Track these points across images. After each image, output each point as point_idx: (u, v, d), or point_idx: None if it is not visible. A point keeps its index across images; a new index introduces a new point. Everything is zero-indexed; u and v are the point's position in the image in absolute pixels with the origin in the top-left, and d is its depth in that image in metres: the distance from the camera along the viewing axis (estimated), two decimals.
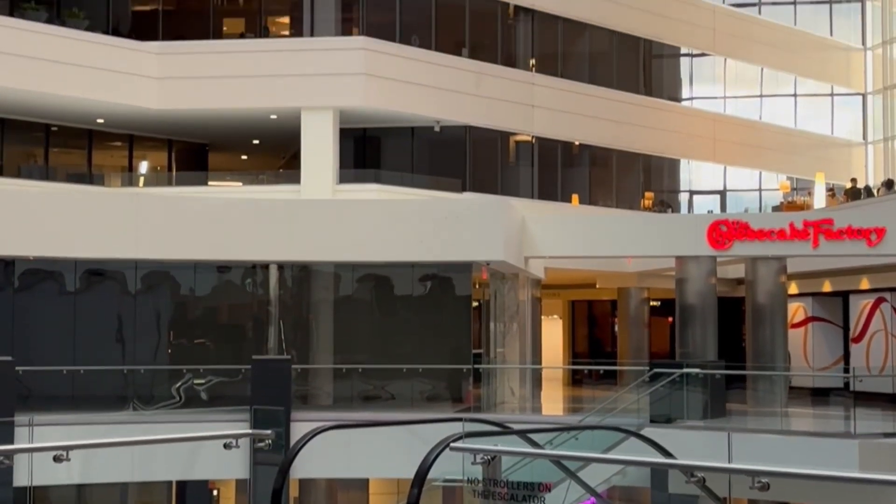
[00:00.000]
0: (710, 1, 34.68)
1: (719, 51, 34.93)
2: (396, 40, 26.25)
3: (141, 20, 26.85)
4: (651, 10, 32.36)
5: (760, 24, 36.58)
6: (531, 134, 29.27)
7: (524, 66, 29.36)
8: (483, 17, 28.53)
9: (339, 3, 26.88)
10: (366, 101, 25.57)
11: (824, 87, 39.25)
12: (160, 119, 26.32)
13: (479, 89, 27.52)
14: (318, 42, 25.90)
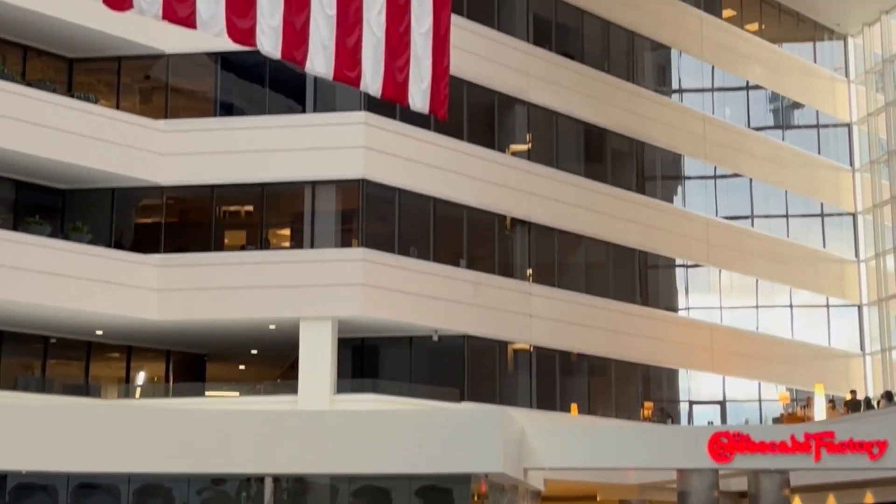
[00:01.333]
0: (703, 214, 35.31)
1: (714, 262, 35.38)
2: (395, 251, 26.61)
3: (143, 232, 27.28)
4: (645, 222, 32.91)
5: (754, 237, 37.15)
6: (529, 343, 29.33)
7: (522, 276, 29.67)
8: (481, 228, 29.00)
9: (338, 216, 27.36)
10: (364, 311, 25.72)
11: (820, 299, 39.57)
12: (159, 330, 26.41)
13: (476, 299, 27.72)
14: (318, 253, 26.24)
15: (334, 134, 26.47)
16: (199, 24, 9.99)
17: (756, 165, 37.51)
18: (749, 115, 38.02)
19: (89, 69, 27.16)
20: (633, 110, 33.16)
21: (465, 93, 28.11)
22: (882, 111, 40.34)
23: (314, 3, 10.79)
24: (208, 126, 26.81)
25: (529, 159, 30.19)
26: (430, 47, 11.83)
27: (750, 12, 38.36)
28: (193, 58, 26.82)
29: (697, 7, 36.01)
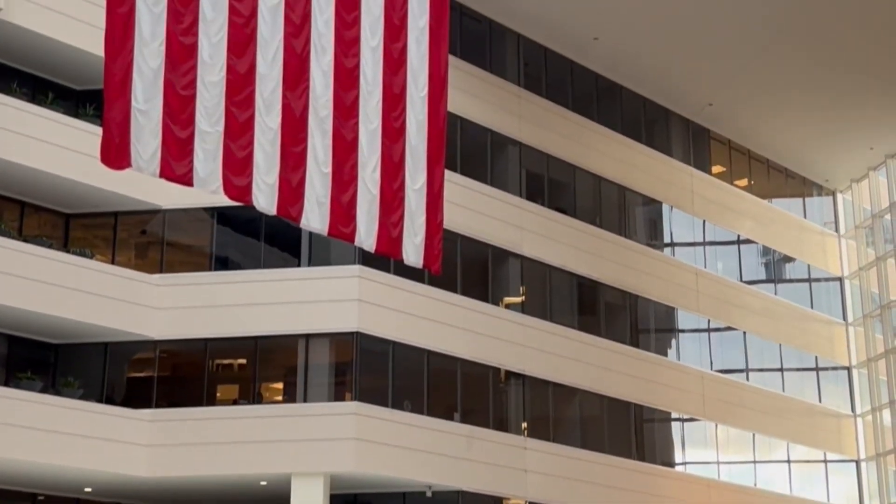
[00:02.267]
0: (697, 367, 35.20)
1: (710, 416, 35.12)
2: (389, 405, 26.41)
3: (135, 387, 27.10)
4: (640, 375, 32.79)
5: (749, 391, 36.97)
6: (524, 498, 28.87)
7: (516, 430, 29.40)
8: (475, 380, 28.86)
9: (332, 369, 27.25)
10: (357, 467, 25.38)
11: (817, 454, 39.19)
12: (148, 487, 25.99)
13: (470, 453, 27.40)
14: (311, 408, 26.03)
15: (328, 287, 26.56)
16: (196, 181, 10.13)
17: (749, 319, 37.58)
18: (741, 269, 38.27)
19: (86, 224, 27.38)
20: (626, 264, 33.39)
21: (459, 246, 28.33)
22: (873, 265, 40.65)
23: (310, 160, 10.96)
24: (203, 280, 26.91)
25: (523, 312, 30.24)
26: (425, 203, 11.98)
27: (739, 168, 38.99)
28: (190, 213, 27.09)
29: (687, 164, 36.60)
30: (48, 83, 26.64)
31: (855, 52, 32.35)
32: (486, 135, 30.47)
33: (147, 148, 9.80)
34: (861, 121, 36.95)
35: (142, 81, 9.75)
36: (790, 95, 35.05)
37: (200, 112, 10.10)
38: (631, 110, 35.06)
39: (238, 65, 10.39)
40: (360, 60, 11.40)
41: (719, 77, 34.08)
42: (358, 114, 11.39)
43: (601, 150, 33.57)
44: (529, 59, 32.16)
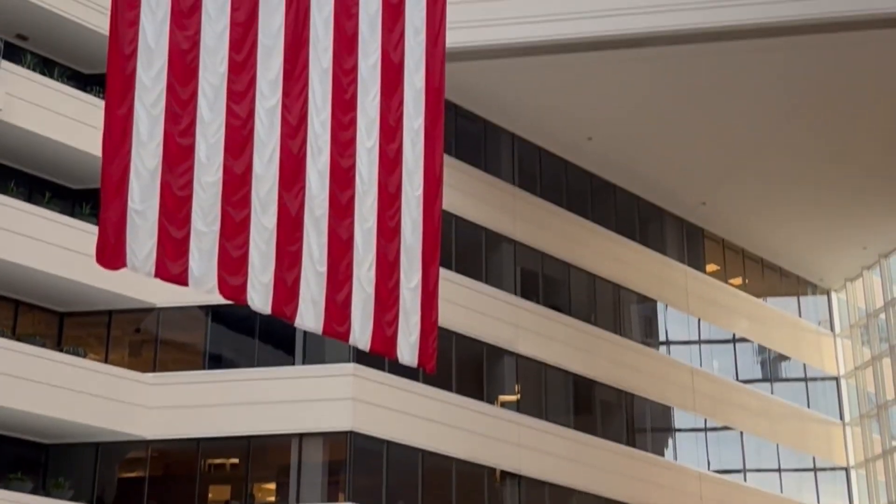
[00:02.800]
0: (695, 467, 34.87)
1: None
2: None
3: (126, 487, 26.76)
4: (636, 475, 32.46)
5: (747, 492, 36.57)
6: None
7: None
8: (470, 480, 28.53)
9: (325, 468, 26.96)
10: None
11: None
12: None
13: None
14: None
15: (323, 386, 26.41)
16: (192, 281, 10.12)
17: (746, 418, 37.35)
18: (737, 368, 38.14)
19: (80, 323, 27.31)
20: (622, 362, 33.27)
21: (454, 344, 28.25)
22: (869, 365, 40.53)
23: (305, 260, 10.97)
24: (196, 379, 26.76)
25: (519, 411, 30.05)
26: (419, 302, 11.96)
27: (733, 267, 39.09)
28: (184, 311, 27.04)
29: (682, 262, 36.70)
30: (46, 182, 26.82)
31: (847, 153, 32.64)
32: (481, 233, 30.60)
33: (143, 248, 9.82)
34: (854, 220, 37.16)
35: (139, 182, 9.80)
36: (783, 195, 35.28)
37: (196, 212, 10.14)
38: (625, 209, 35.26)
39: (235, 165, 10.46)
40: (355, 161, 11.48)
41: (712, 177, 34.34)
42: (353, 213, 11.43)
43: (595, 248, 33.68)
44: (524, 158, 32.44)
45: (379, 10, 11.72)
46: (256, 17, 10.72)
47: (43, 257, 24.88)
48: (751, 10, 26.33)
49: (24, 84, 25.33)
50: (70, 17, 26.22)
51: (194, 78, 10.24)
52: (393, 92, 11.81)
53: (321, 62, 11.20)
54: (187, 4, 10.25)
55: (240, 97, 10.54)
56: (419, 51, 12.03)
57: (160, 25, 10.05)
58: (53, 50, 27.20)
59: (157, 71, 10.00)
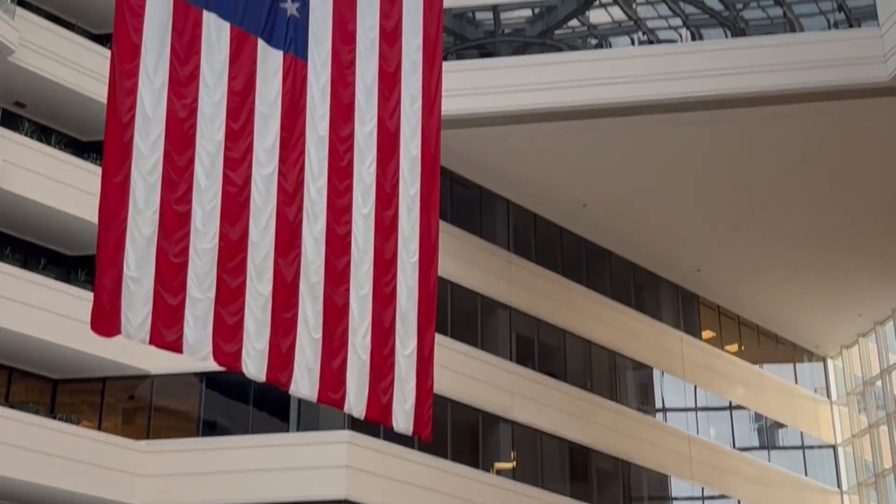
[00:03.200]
0: None
1: None
2: None
3: None
4: None
5: None
6: None
7: None
8: None
9: None
10: None
11: None
12: None
13: None
14: None
15: (317, 453, 26.23)
16: (186, 348, 10.09)
17: (743, 486, 37.07)
18: (734, 435, 37.94)
19: (74, 390, 27.17)
20: (618, 429, 33.09)
21: (450, 411, 28.12)
22: (866, 433, 40.34)
23: (300, 326, 10.95)
24: (189, 446, 26.57)
25: (514, 478, 29.82)
26: (415, 369, 11.92)
27: (729, 334, 39.04)
28: (178, 378, 26.92)
29: (677, 329, 36.66)
30: (41, 249, 26.84)
31: (842, 221, 32.74)
32: (477, 299, 30.58)
33: (137, 315, 9.79)
34: (849, 288, 37.19)
35: (134, 249, 9.80)
36: (778, 262, 35.35)
37: (192, 279, 10.13)
38: (620, 275, 35.28)
39: (231, 232, 10.47)
40: (351, 227, 11.50)
41: (707, 243, 34.42)
42: (349, 279, 11.42)
43: (591, 314, 33.65)
44: (519, 224, 32.53)
45: (375, 78, 11.81)
46: (254, 85, 10.80)
47: (37, 324, 24.82)
48: (744, 79, 26.61)
49: (21, 151, 25.45)
50: (68, 84, 26.41)
51: (191, 145, 10.29)
52: (389, 159, 11.86)
53: (318, 130, 11.27)
54: (185, 73, 10.32)
55: (236, 164, 10.59)
56: (415, 118, 12.11)
57: (158, 94, 10.11)
58: (51, 117, 27.36)
59: (155, 139, 10.05)
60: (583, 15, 29.41)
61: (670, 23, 28.91)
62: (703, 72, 26.79)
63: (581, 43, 29.85)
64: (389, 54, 11.93)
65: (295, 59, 11.11)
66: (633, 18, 28.90)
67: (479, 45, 29.89)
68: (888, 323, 39.58)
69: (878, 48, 26.09)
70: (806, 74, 26.28)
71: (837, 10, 27.63)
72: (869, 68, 26.04)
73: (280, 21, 11.01)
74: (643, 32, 28.59)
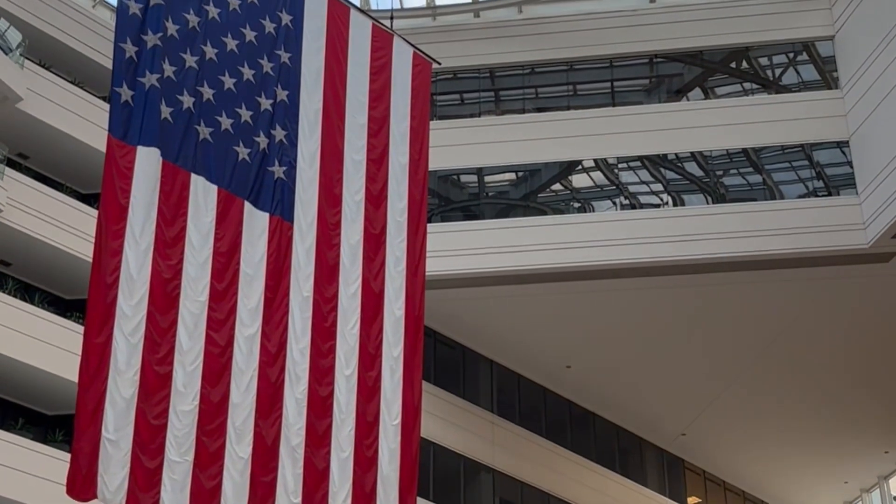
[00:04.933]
0: None
1: None
2: None
3: None
4: None
5: None
6: None
7: None
8: None
9: None
10: None
11: None
12: None
13: None
14: None
15: None
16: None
17: None
18: None
19: None
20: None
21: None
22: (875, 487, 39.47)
23: (279, 490, 10.78)
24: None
25: None
26: None
27: (715, 499, 38.40)
28: None
29: (662, 494, 36.13)
30: (19, 408, 26.48)
31: (827, 388, 32.66)
32: (460, 461, 30.18)
33: (114, 479, 9.62)
34: (834, 455, 36.89)
35: (114, 411, 9.69)
36: (764, 428, 35.11)
37: (171, 441, 9.99)
38: (605, 438, 34.95)
39: (212, 394, 10.38)
40: (334, 388, 11.43)
41: (692, 407, 34.21)
42: (330, 442, 11.29)
43: (575, 478, 33.19)
44: (503, 385, 32.35)
45: (360, 240, 11.91)
46: (239, 246, 10.86)
47: (12, 486, 24.31)
48: (725, 244, 26.88)
49: (4, 309, 25.33)
50: (54, 243, 26.45)
51: (175, 306, 10.28)
52: (373, 320, 11.88)
53: (302, 290, 11.30)
54: (171, 234, 10.38)
55: (220, 325, 10.56)
56: (399, 279, 12.18)
57: (143, 255, 10.15)
58: (35, 276, 27.34)
59: (138, 300, 10.04)
60: (566, 179, 29.86)
61: (651, 188, 29.33)
62: (683, 237, 27.08)
63: (564, 206, 30.24)
64: (375, 216, 12.06)
65: (281, 221, 11.20)
66: (614, 183, 29.34)
67: (464, 206, 30.23)
68: (874, 490, 39.13)
69: (857, 216, 26.47)
70: (786, 240, 26.57)
71: (816, 178, 28.11)
72: (849, 235, 26.36)
73: (267, 183, 11.14)
74: (625, 196, 28.99)
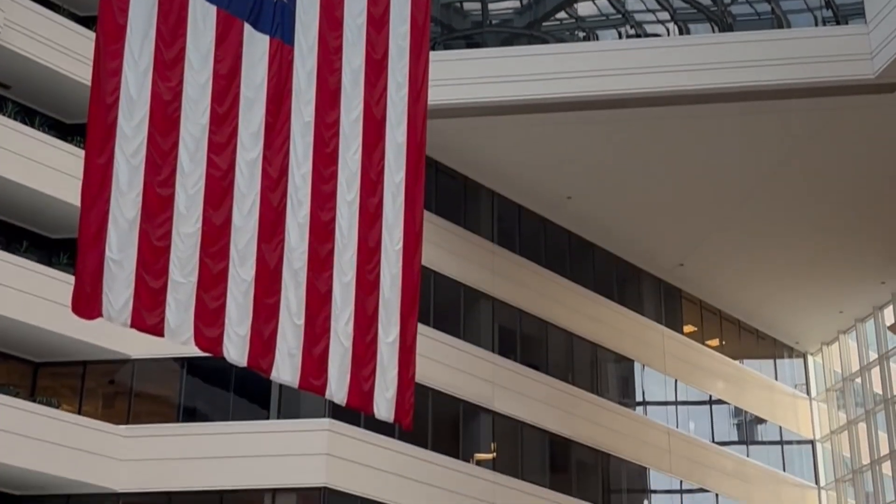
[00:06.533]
0: None
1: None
2: None
3: None
4: None
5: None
6: None
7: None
8: None
9: None
10: None
11: None
12: None
13: None
14: None
15: (297, 441, 26.22)
16: (167, 332, 10.04)
17: (721, 480, 37.22)
18: (713, 430, 38.08)
19: (54, 373, 27.09)
20: (598, 422, 33.18)
21: (431, 401, 28.12)
22: (844, 429, 40.53)
23: (283, 312, 10.91)
24: (169, 431, 26.53)
25: (494, 469, 29.87)
26: (397, 357, 11.89)
27: (710, 328, 39.15)
28: (159, 363, 26.86)
29: (659, 322, 36.75)
30: (24, 231, 26.70)
31: (825, 218, 32.88)
32: (460, 290, 30.59)
33: (119, 298, 9.74)
34: (831, 284, 37.34)
35: (116, 232, 9.75)
36: (761, 257, 35.46)
37: (174, 263, 10.08)
38: (603, 268, 35.34)
39: (214, 217, 10.42)
40: (335, 214, 11.45)
41: (691, 238, 34.50)
42: (332, 266, 11.38)
43: (573, 306, 33.71)
44: (503, 216, 32.54)
45: (362, 64, 11.76)
46: (239, 69, 10.74)
47: (18, 306, 24.72)
48: (730, 74, 26.66)
49: (5, 133, 25.31)
50: (52, 66, 26.25)
51: (175, 129, 10.24)
52: (375, 146, 11.82)
53: (303, 115, 11.22)
54: (171, 56, 10.26)
55: (221, 149, 10.53)
56: (402, 106, 12.07)
57: (143, 76, 10.06)
58: (35, 99, 27.20)
59: (139, 121, 9.99)
60: (571, 7, 29.39)
61: (658, 16, 28.92)
62: (689, 66, 26.82)
63: (568, 35, 29.85)
64: (377, 40, 11.89)
65: (281, 44, 11.05)
66: (620, 11, 28.90)
67: (467, 35, 29.85)
68: (868, 320, 39.76)
69: (864, 45, 26.16)
70: (792, 70, 26.33)
71: (825, 6, 27.68)
72: (855, 65, 26.11)
73: (267, 5, 10.95)
74: (630, 26, 28.60)
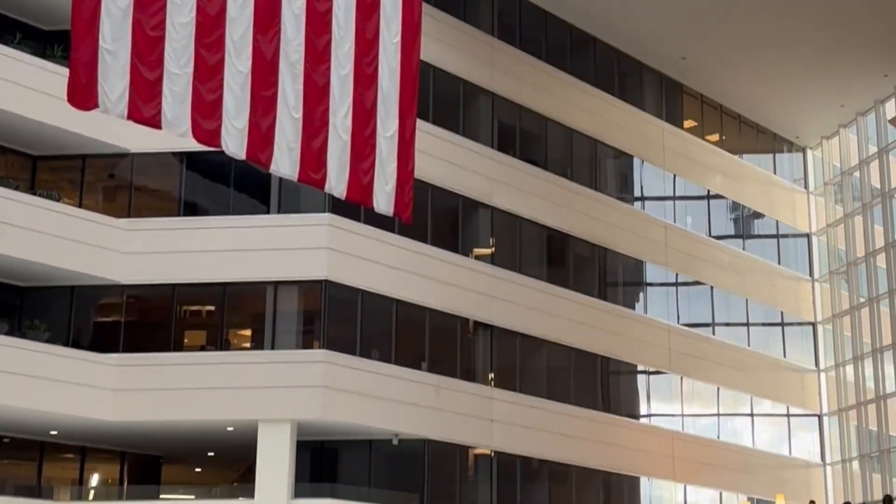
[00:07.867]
0: (664, 321, 35.41)
1: (675, 369, 35.38)
2: (357, 353, 26.45)
3: (102, 331, 26.99)
4: (607, 328, 32.97)
5: (715, 345, 37.26)
6: (490, 448, 29.08)
7: (483, 380, 29.53)
8: (443, 331, 28.92)
9: (300, 317, 27.22)
10: (324, 415, 25.45)
11: (780, 408, 39.62)
12: (114, 431, 25.97)
13: (437, 402, 27.51)
14: (278, 355, 26.02)
15: (298, 235, 26.48)
16: (165, 124, 9.99)
17: (717, 274, 37.80)
18: (710, 224, 38.44)
19: (53, 167, 27.12)
20: (596, 217, 33.45)
21: (430, 196, 28.28)
22: (841, 223, 40.90)
23: (280, 105, 10.83)
24: (171, 225, 26.75)
25: (493, 263, 30.29)
26: (396, 151, 11.86)
27: (710, 123, 39.02)
28: (158, 157, 26.86)
29: (659, 117, 36.59)
30: (16, 23, 26.26)
31: (828, 11, 32.33)
32: (459, 84, 30.33)
33: (115, 89, 9.65)
34: (832, 78, 37.00)
35: (110, 21, 9.58)
36: (762, 51, 35.03)
37: (169, 53, 9.95)
38: (604, 63, 34.97)
39: (208, 6, 10.23)
40: (332, 5, 11.23)
41: (693, 31, 34.01)
42: (330, 59, 11.23)
43: (573, 102, 33.50)
44: (503, 9, 31.97)
45: None
46: None
47: (15, 99, 24.54)
48: None
49: None
50: None
51: None
52: None
53: None
54: None
55: None
56: None
57: None
58: None
59: None
60: None
61: None
62: None
63: None
64: None
65: None
66: None
67: None
68: (869, 114, 39.58)
69: None
70: None
71: None
72: None
73: None
74: None
